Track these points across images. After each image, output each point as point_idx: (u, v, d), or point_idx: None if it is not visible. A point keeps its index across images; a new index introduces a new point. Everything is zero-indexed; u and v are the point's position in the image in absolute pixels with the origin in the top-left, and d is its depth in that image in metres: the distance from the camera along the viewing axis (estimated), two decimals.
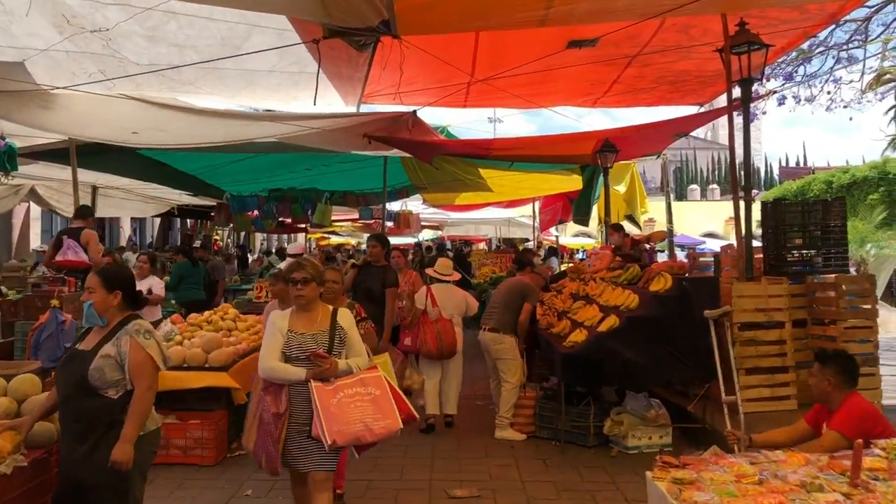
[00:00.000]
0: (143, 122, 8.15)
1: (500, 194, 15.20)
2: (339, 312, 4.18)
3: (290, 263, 4.07)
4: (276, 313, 4.24)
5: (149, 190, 14.85)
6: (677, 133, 10.79)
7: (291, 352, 3.97)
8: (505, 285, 7.26)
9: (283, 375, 3.91)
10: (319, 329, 4.05)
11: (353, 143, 8.78)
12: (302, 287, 4.03)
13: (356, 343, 4.16)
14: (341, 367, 3.95)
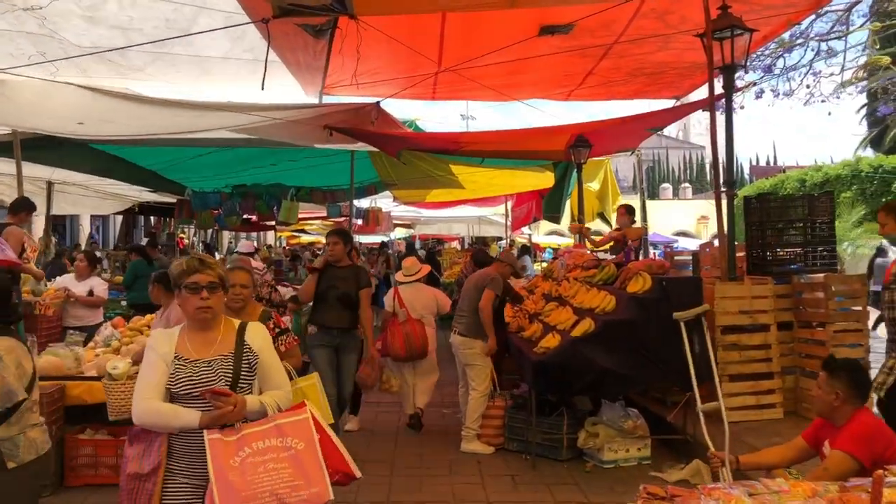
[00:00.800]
0: (88, 111, 7.63)
1: (472, 191, 14.72)
2: (248, 328, 3.02)
3: (188, 261, 2.93)
4: (159, 333, 3.02)
5: (107, 186, 14.16)
6: (652, 127, 10.38)
7: (180, 387, 2.79)
8: (469, 282, 6.71)
9: (167, 421, 2.74)
10: (220, 353, 2.89)
11: (313, 136, 8.23)
12: (208, 296, 2.86)
13: (274, 370, 3.01)
14: (251, 406, 2.81)
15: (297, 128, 7.99)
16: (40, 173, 12.27)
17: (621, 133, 10.37)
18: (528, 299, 7.16)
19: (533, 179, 13.79)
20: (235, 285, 3.87)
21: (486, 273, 6.57)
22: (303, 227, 23.09)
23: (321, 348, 5.87)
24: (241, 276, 4.14)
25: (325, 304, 5.90)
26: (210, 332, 2.94)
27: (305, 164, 12.19)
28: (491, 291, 6.29)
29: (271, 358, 3.04)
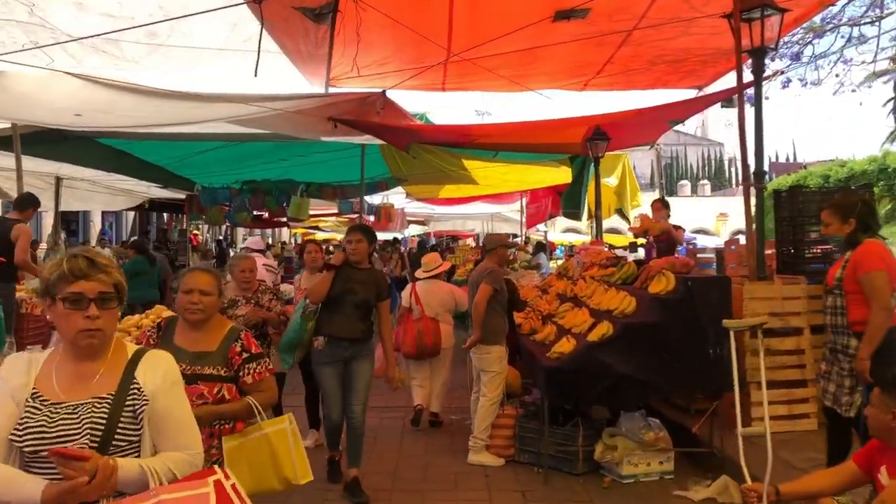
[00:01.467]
0: (85, 102, 7.31)
1: (486, 187, 14.26)
2: (143, 359, 2.19)
3: (69, 261, 2.11)
4: (14, 359, 2.19)
5: (117, 182, 13.87)
6: (673, 119, 9.87)
7: (25, 441, 1.99)
8: (472, 280, 6.18)
9: None
10: (95, 394, 2.08)
11: (318, 129, 7.82)
12: (98, 313, 2.07)
13: (174, 422, 2.16)
14: (126, 475, 1.98)
15: (300, 119, 7.59)
16: (48, 168, 12.00)
17: (640, 126, 9.89)
18: (541, 299, 6.71)
19: (548, 175, 13.32)
20: (193, 291, 3.14)
21: (483, 266, 6.06)
22: (316, 223, 22.72)
23: (328, 367, 5.04)
24: (202, 278, 3.20)
25: (339, 311, 5.02)
26: (91, 362, 2.12)
27: (315, 159, 11.87)
28: (487, 286, 5.74)
29: (173, 404, 2.16)
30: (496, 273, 5.88)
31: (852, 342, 4.10)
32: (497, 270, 5.93)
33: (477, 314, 5.73)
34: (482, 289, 5.75)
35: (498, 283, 5.81)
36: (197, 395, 3.00)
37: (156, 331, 3.32)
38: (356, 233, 5.21)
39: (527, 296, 6.83)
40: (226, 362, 3.14)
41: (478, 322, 5.74)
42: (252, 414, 3.14)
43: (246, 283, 5.29)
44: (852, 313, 4.12)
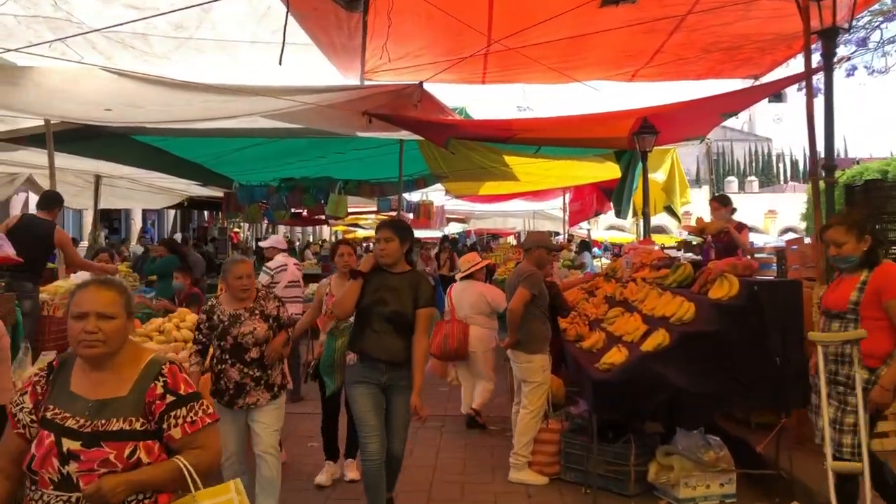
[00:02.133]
0: (115, 97, 7.16)
1: (527, 183, 13.82)
2: None
3: None
4: None
5: (156, 180, 13.77)
6: (726, 112, 9.28)
7: None
8: (510, 283, 5.74)
9: None
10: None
11: (352, 123, 7.47)
12: None
13: None
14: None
15: (334, 114, 7.26)
16: (86, 166, 11.92)
17: (691, 118, 9.34)
18: (588, 302, 6.25)
19: (592, 170, 12.82)
20: (87, 315, 2.29)
21: (521, 269, 5.60)
22: (356, 220, 22.48)
23: (363, 386, 4.24)
24: (100, 296, 2.32)
25: (369, 326, 4.26)
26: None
27: (353, 156, 11.59)
28: (524, 290, 5.28)
29: None
30: (534, 276, 5.41)
31: (861, 374, 3.56)
32: (535, 273, 5.46)
33: (512, 320, 5.30)
34: (518, 293, 5.32)
35: (536, 288, 5.35)
36: (99, 461, 2.19)
37: (45, 375, 2.37)
38: (385, 230, 4.35)
39: (571, 298, 6.37)
40: (142, 411, 2.30)
41: (512, 328, 5.33)
42: (182, 481, 2.28)
43: (244, 292, 4.41)
44: (871, 343, 3.57)
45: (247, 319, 4.36)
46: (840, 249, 3.76)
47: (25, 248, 5.69)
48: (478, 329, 6.43)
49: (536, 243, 5.67)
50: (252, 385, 4.30)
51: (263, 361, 4.35)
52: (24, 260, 5.49)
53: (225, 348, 4.34)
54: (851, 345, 3.57)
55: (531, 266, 5.51)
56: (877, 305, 3.59)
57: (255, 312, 4.41)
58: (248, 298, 4.44)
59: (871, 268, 3.71)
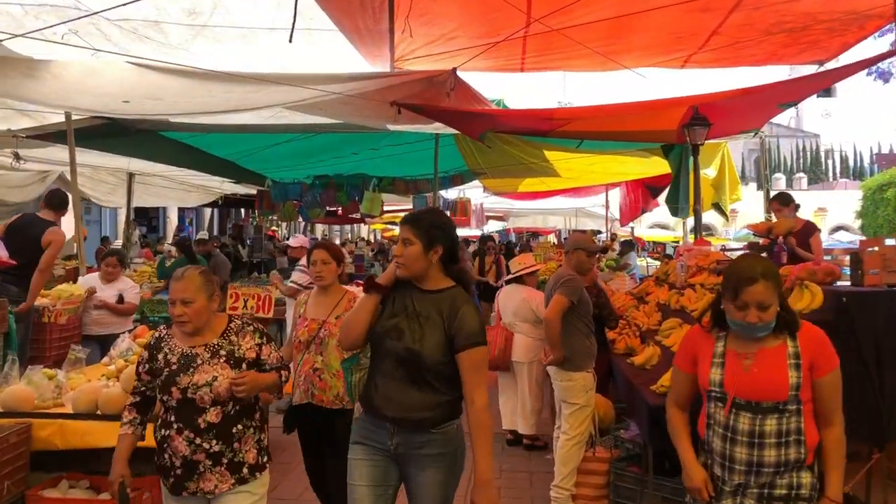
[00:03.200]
0: (134, 89, 6.77)
1: (569, 180, 13.13)
2: None
3: None
4: None
5: (190, 177, 13.45)
6: (786, 101, 8.47)
7: None
8: (548, 293, 5.01)
9: None
10: None
11: (381, 115, 6.91)
12: None
13: None
14: None
15: (360, 105, 6.71)
16: (119, 164, 11.64)
17: (746, 108, 8.57)
18: (638, 310, 5.57)
19: (637, 166, 12.09)
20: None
21: (560, 273, 4.95)
22: (393, 218, 21.98)
23: (362, 448, 3.02)
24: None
25: (378, 366, 3.02)
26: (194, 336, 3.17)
27: (388, 152, 11.12)
28: (561, 297, 4.64)
29: None
30: (573, 281, 4.74)
31: (806, 479, 2.69)
32: (574, 278, 4.80)
33: (550, 333, 4.64)
34: (554, 301, 4.67)
35: (575, 295, 4.70)
36: None
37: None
38: (405, 227, 2.98)
39: (619, 305, 5.70)
40: None
41: (552, 341, 4.67)
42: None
43: (181, 324, 3.11)
44: (809, 434, 2.68)
45: (204, 363, 3.04)
46: (765, 313, 2.64)
47: (18, 249, 5.24)
48: (522, 338, 5.85)
49: (574, 245, 5.03)
50: (208, 464, 2.97)
51: (227, 428, 3.01)
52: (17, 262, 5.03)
53: (169, 405, 3.03)
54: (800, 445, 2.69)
55: (570, 270, 4.89)
56: (806, 386, 2.67)
57: (220, 353, 3.09)
58: (201, 331, 3.12)
59: (791, 333, 2.72)
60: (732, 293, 2.67)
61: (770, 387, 2.66)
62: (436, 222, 3.00)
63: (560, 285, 4.73)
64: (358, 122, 7.69)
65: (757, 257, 2.96)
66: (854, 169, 55.75)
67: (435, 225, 2.98)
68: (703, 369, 2.83)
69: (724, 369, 2.75)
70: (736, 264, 2.87)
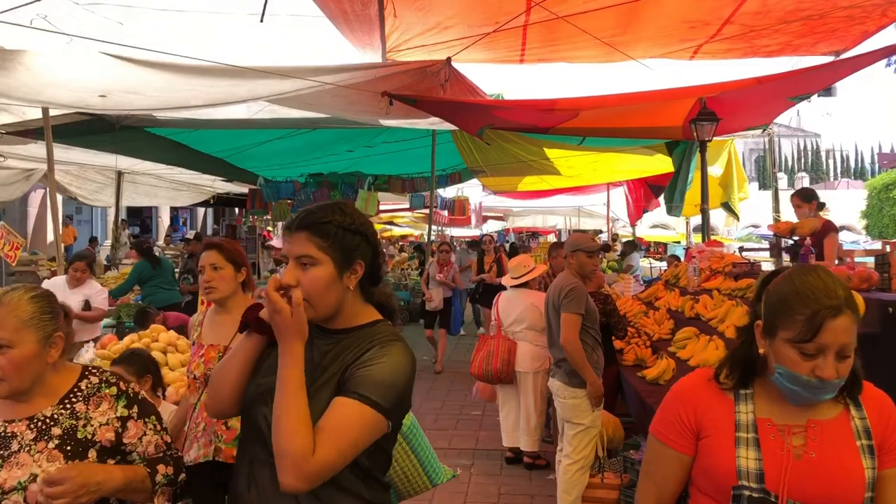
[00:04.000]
0: (111, 82, 6.38)
1: (570, 178, 12.70)
2: None
3: None
4: None
5: (179, 176, 13.03)
6: (798, 94, 8.06)
7: None
8: (547, 300, 4.56)
9: None
10: None
11: (372, 108, 6.48)
12: None
13: None
14: None
15: (350, 97, 6.30)
16: (107, 161, 11.23)
17: (756, 102, 8.17)
18: (648, 317, 5.14)
19: (640, 164, 11.66)
20: None
21: (560, 283, 4.38)
22: (391, 218, 21.55)
23: None
24: None
25: (245, 450, 1.82)
26: None
27: (383, 149, 10.73)
28: (571, 316, 4.16)
29: None
30: (576, 291, 4.24)
31: None
32: (578, 288, 4.29)
33: (575, 357, 4.09)
34: (567, 322, 4.14)
35: (582, 306, 4.23)
36: None
37: None
38: (300, 239, 1.78)
39: (626, 310, 5.26)
40: None
41: (581, 366, 4.09)
42: None
43: None
44: None
45: (23, 450, 1.91)
46: (844, 364, 1.61)
47: None
48: (527, 346, 5.29)
49: (573, 246, 4.50)
50: None
51: None
52: None
53: None
54: None
55: (572, 277, 4.37)
56: None
57: (51, 433, 1.95)
58: (26, 394, 1.97)
59: (853, 396, 1.74)
60: (803, 330, 1.59)
61: (841, 483, 1.63)
62: (349, 224, 1.80)
63: (565, 299, 4.22)
64: (349, 116, 7.27)
65: (826, 272, 1.68)
66: (855, 169, 55.32)
67: (349, 228, 1.80)
68: (717, 450, 1.71)
69: (762, 452, 1.67)
70: (804, 282, 1.64)
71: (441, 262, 10.21)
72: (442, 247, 10.50)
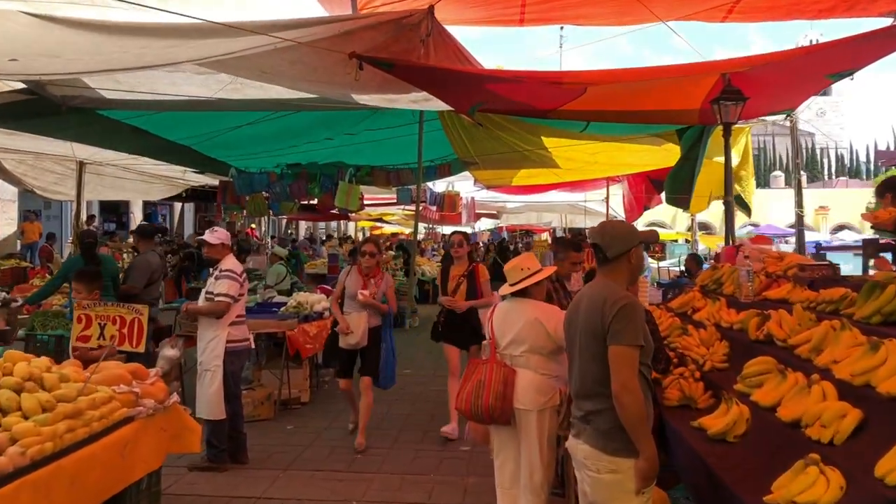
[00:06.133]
0: (27, 45, 5.18)
1: (569, 171, 11.45)
2: None
3: None
4: None
5: (147, 167, 11.68)
6: (838, 71, 6.79)
7: None
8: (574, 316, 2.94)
9: None
10: None
11: (337, 76, 5.17)
12: None
13: None
14: None
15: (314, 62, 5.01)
16: (63, 150, 9.93)
17: (789, 80, 6.94)
18: (689, 336, 3.84)
19: (647, 156, 10.45)
20: None
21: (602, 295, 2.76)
22: (382, 215, 20.23)
23: None
24: None
25: None
26: None
27: (366, 137, 9.51)
28: (627, 350, 2.62)
29: None
30: (634, 311, 2.68)
31: None
32: (635, 305, 2.73)
33: (633, 413, 2.57)
34: (622, 358, 2.61)
35: (641, 335, 2.68)
36: None
37: None
38: None
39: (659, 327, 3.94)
40: None
41: (639, 430, 2.58)
42: None
43: None
44: None
45: None
46: None
47: None
48: (530, 375, 3.75)
49: (629, 238, 2.86)
50: None
51: None
52: None
53: None
54: None
55: (620, 285, 2.83)
56: None
57: None
58: None
59: None
60: None
61: None
62: None
63: (616, 322, 2.64)
64: (314, 90, 5.99)
65: None
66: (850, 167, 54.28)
67: None
68: None
69: None
70: None
71: (365, 271, 6.08)
72: (365, 246, 6.30)
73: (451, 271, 6.39)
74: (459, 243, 6.36)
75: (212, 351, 4.89)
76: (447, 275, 6.42)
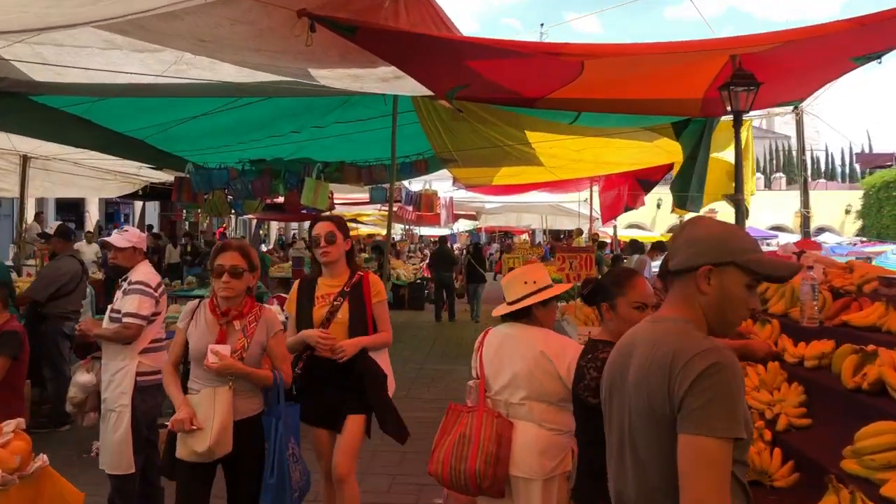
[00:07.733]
0: None
1: (552, 169, 10.57)
2: None
3: None
4: None
5: (99, 162, 10.61)
6: (865, 54, 5.91)
7: None
8: (636, 364, 1.62)
9: None
10: None
11: (286, 43, 4.16)
12: None
13: None
14: None
15: (258, 24, 4.01)
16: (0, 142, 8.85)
17: (809, 64, 6.10)
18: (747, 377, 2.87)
19: (636, 153, 9.59)
20: None
21: (672, 347, 1.54)
22: (356, 215, 19.19)
23: None
24: None
25: None
26: None
27: (335, 130, 8.66)
28: (711, 442, 1.43)
29: None
30: (729, 377, 1.48)
31: None
32: (728, 365, 1.49)
33: None
34: (705, 454, 1.43)
35: (739, 420, 1.47)
36: None
37: None
38: None
39: None
40: None
41: None
42: None
43: None
44: None
45: None
46: None
47: None
48: (531, 430, 2.75)
49: (724, 250, 1.63)
50: None
51: None
52: None
53: None
54: None
55: (697, 326, 1.63)
56: None
57: None
58: None
59: None
60: None
61: None
62: None
63: (694, 391, 1.46)
64: (266, 63, 4.96)
65: None
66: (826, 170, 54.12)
67: None
68: None
69: None
70: None
71: (222, 307, 3.18)
72: (222, 256, 3.23)
73: (317, 287, 3.58)
74: (329, 238, 3.50)
75: (117, 386, 3.65)
76: (311, 292, 3.58)
